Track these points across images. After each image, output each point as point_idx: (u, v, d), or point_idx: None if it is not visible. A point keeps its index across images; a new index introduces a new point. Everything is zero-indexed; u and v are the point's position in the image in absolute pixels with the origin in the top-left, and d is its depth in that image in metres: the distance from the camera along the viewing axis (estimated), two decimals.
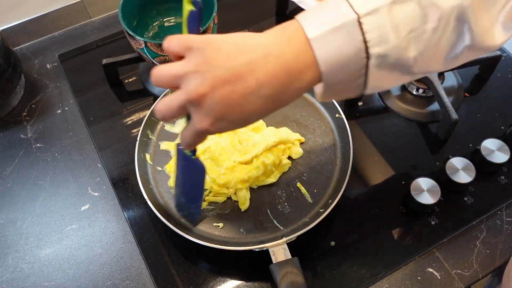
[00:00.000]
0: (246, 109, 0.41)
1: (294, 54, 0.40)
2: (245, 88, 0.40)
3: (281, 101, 0.42)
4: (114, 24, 0.96)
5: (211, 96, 0.40)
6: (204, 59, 0.40)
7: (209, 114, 0.41)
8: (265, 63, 0.40)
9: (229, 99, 0.40)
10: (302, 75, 0.41)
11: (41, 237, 0.70)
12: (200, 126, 0.43)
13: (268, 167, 0.68)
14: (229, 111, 0.41)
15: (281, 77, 0.40)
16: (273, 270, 0.59)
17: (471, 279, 0.65)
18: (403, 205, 0.70)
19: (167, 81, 0.43)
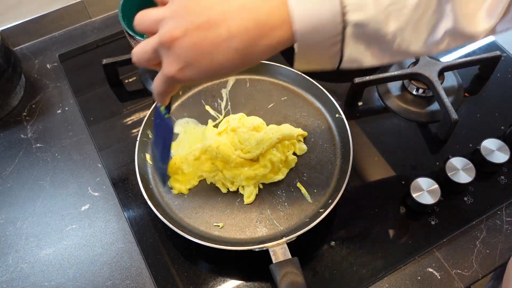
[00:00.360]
0: (215, 58, 0.41)
1: (268, 9, 0.40)
2: (216, 37, 0.40)
3: (250, 56, 0.41)
4: (114, 24, 0.96)
5: (182, 40, 0.40)
6: (183, 6, 0.41)
7: (179, 59, 0.41)
8: (238, 15, 0.40)
9: (200, 46, 0.40)
10: (274, 32, 0.40)
11: (41, 237, 0.70)
12: (168, 71, 0.43)
13: (275, 164, 0.68)
14: (198, 57, 0.41)
15: (252, 31, 0.40)
16: (273, 270, 0.59)
17: (471, 279, 0.65)
18: (403, 205, 0.70)
19: (147, 24, 0.44)
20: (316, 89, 0.75)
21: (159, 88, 0.46)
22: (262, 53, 0.42)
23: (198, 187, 0.69)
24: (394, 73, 0.78)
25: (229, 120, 0.73)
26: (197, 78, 0.43)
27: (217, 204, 0.67)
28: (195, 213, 0.67)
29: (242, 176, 0.67)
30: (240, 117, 0.73)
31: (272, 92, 0.78)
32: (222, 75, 0.44)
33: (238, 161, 0.68)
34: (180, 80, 0.44)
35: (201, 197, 0.68)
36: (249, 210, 0.67)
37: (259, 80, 0.80)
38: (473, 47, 0.88)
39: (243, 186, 0.68)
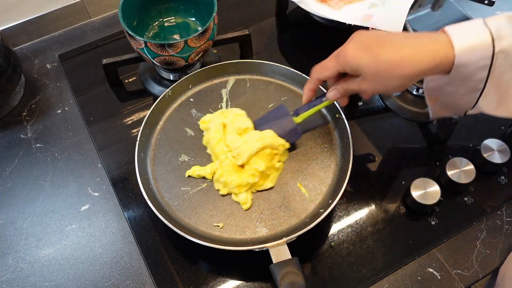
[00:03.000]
0: (388, 85, 0.54)
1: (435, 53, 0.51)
2: (391, 76, 0.53)
3: (412, 81, 0.54)
4: (114, 24, 0.96)
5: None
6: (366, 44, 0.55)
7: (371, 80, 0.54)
8: (410, 65, 0.52)
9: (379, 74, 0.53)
10: (433, 46, 0.51)
11: (41, 237, 0.70)
12: (361, 86, 0.55)
13: (264, 172, 0.67)
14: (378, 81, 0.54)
15: (420, 72, 0.52)
16: (273, 270, 0.59)
17: (471, 279, 0.65)
18: (403, 205, 0.70)
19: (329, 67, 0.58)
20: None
21: (319, 65, 0.59)
22: (419, 66, 0.52)
23: (199, 187, 0.69)
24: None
25: (228, 113, 0.73)
26: (362, 64, 0.54)
27: (217, 204, 0.67)
28: (195, 213, 0.67)
29: (234, 183, 0.66)
30: (237, 113, 0.73)
31: (272, 92, 0.78)
32: (383, 73, 0.53)
33: (227, 163, 0.68)
34: (346, 59, 0.55)
35: (201, 197, 0.68)
36: (249, 210, 0.67)
37: (259, 80, 0.80)
38: None
39: (236, 194, 0.67)
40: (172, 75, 0.84)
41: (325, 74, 0.59)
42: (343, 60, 0.55)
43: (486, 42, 0.49)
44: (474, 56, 0.49)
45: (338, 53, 0.56)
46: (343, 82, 0.59)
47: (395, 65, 0.52)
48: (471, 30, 0.50)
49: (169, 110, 0.77)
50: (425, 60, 0.51)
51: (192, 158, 0.72)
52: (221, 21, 0.81)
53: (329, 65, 0.58)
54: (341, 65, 0.56)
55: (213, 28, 0.76)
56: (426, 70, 0.51)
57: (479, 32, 0.49)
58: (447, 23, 0.93)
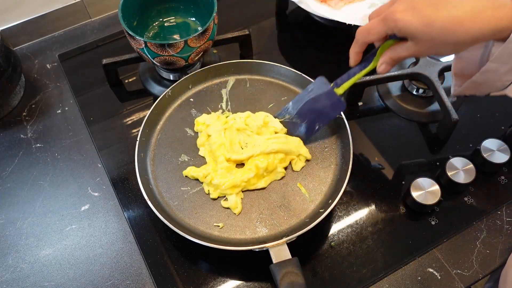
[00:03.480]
0: (439, 12, 0.48)
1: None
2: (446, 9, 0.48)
3: (464, 33, 0.48)
4: (114, 24, 0.96)
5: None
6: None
7: (406, 2, 0.49)
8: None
9: (429, 2, 0.48)
10: (481, 15, 0.47)
11: (41, 237, 0.70)
12: (393, 9, 0.50)
13: (260, 171, 0.67)
14: (424, 5, 0.48)
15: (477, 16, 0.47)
16: (273, 270, 0.59)
17: (471, 279, 0.65)
18: (403, 205, 0.70)
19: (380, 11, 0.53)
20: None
21: (366, 27, 0.53)
22: (475, 32, 0.47)
23: (199, 187, 0.69)
24: (394, 73, 0.78)
25: (235, 118, 0.73)
26: (413, 28, 0.49)
27: (217, 204, 0.67)
28: (195, 213, 0.67)
29: (227, 184, 0.66)
30: (246, 116, 0.73)
31: (272, 92, 0.78)
32: (436, 38, 0.49)
33: (224, 165, 0.68)
34: (396, 22, 0.50)
35: (201, 197, 0.68)
36: (249, 210, 0.67)
37: (259, 80, 0.80)
38: None
39: (225, 199, 0.67)
40: (172, 75, 0.84)
41: (372, 38, 0.54)
42: (392, 24, 0.50)
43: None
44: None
45: (386, 16, 0.51)
46: (392, 51, 0.55)
47: (451, 31, 0.47)
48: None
49: (169, 110, 0.77)
50: (484, 27, 0.47)
51: (192, 158, 0.72)
52: (221, 21, 0.81)
53: (377, 29, 0.53)
54: (390, 28, 0.51)
55: (213, 28, 0.76)
56: (483, 37, 0.48)
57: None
58: None
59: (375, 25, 0.53)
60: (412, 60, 0.82)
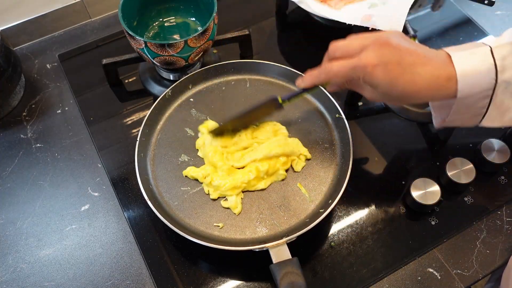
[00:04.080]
0: (405, 77, 0.52)
1: (440, 69, 0.52)
2: (411, 68, 0.52)
3: (421, 96, 0.53)
4: (114, 24, 0.96)
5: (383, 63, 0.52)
6: (384, 43, 0.53)
7: (380, 57, 0.52)
8: (423, 66, 0.52)
9: (398, 65, 0.52)
10: (445, 84, 0.51)
11: (41, 237, 0.70)
12: (364, 59, 0.52)
13: (260, 174, 0.67)
14: (394, 66, 0.52)
15: (431, 81, 0.52)
16: (273, 270, 0.59)
17: (471, 279, 0.65)
18: (403, 205, 0.70)
19: (351, 48, 0.54)
20: (316, 89, 0.75)
21: (334, 69, 0.55)
22: (428, 98, 0.54)
23: (199, 187, 0.69)
24: None
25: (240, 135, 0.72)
26: (379, 83, 0.53)
27: (217, 204, 0.67)
28: (195, 213, 0.67)
29: (227, 186, 0.66)
30: (251, 131, 0.73)
31: (272, 92, 0.78)
32: (394, 97, 0.54)
33: (226, 168, 0.68)
34: (365, 75, 0.52)
35: (201, 197, 0.68)
36: (249, 210, 0.67)
37: (259, 80, 0.80)
38: None
39: (225, 199, 0.67)
40: (172, 75, 0.84)
41: (337, 80, 0.57)
42: (361, 75, 0.53)
43: (489, 75, 0.50)
44: (477, 89, 0.51)
45: (356, 66, 0.53)
46: (348, 84, 0.59)
47: (409, 96, 0.53)
48: (476, 62, 0.51)
49: (169, 110, 0.77)
50: (437, 96, 0.53)
51: (192, 158, 0.72)
52: (221, 21, 0.81)
53: (345, 74, 0.55)
54: (357, 76, 0.54)
55: (213, 28, 0.76)
56: (433, 100, 0.56)
57: (483, 64, 0.50)
58: (447, 23, 0.94)
59: (343, 70, 0.55)
60: None
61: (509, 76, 0.50)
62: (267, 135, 0.72)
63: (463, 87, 0.51)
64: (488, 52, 0.51)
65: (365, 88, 0.57)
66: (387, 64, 0.52)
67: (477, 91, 0.51)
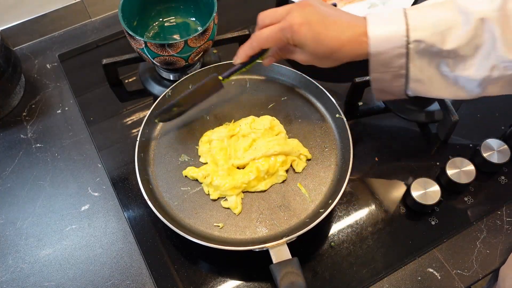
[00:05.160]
0: (328, 32, 0.57)
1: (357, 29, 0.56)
2: (333, 24, 0.57)
3: (341, 50, 0.57)
4: (114, 24, 0.96)
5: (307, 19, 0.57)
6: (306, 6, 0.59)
7: (304, 16, 0.57)
8: (346, 26, 0.57)
9: (323, 21, 0.57)
10: (360, 38, 0.56)
11: (41, 237, 0.70)
12: (290, 20, 0.58)
13: (260, 174, 0.67)
14: (317, 23, 0.57)
15: (351, 37, 0.56)
16: (273, 270, 0.59)
17: (471, 279, 0.65)
18: (403, 205, 0.70)
19: (276, 14, 0.60)
20: (316, 89, 0.75)
21: (264, 35, 0.60)
22: (350, 54, 0.57)
23: (199, 187, 0.69)
24: None
25: (240, 125, 0.73)
26: (306, 41, 0.57)
27: (217, 204, 0.67)
28: (195, 213, 0.67)
29: (227, 186, 0.66)
30: (251, 121, 0.73)
31: (272, 92, 0.78)
32: (321, 54, 0.58)
33: (227, 168, 0.68)
34: (292, 34, 0.57)
35: (201, 197, 0.68)
36: (249, 210, 0.67)
37: (259, 80, 0.80)
38: None
39: (225, 200, 0.67)
40: (172, 75, 0.84)
41: (268, 45, 0.62)
42: (289, 35, 0.58)
43: (400, 33, 0.53)
44: (389, 45, 0.54)
45: (283, 26, 0.58)
46: (281, 51, 0.64)
47: (333, 51, 0.57)
48: (389, 20, 0.55)
49: None
50: (357, 52, 0.56)
51: (192, 158, 0.72)
52: (221, 21, 0.81)
53: (274, 37, 0.60)
54: (286, 38, 0.59)
55: (213, 28, 0.76)
56: (357, 58, 0.58)
57: (394, 22, 0.54)
58: None
59: (273, 33, 0.59)
60: None
61: (420, 35, 0.52)
62: (265, 126, 0.72)
63: (374, 42, 0.54)
64: (401, 12, 0.54)
65: (295, 51, 0.61)
66: (311, 22, 0.56)
67: (389, 47, 0.54)
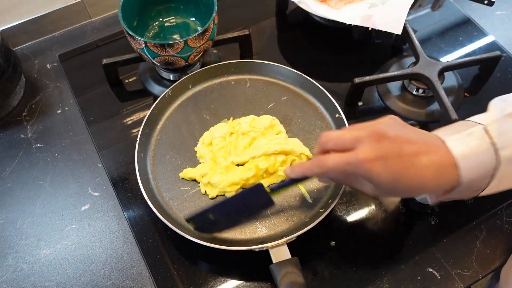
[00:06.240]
0: (408, 171, 0.47)
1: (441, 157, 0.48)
2: (412, 158, 0.47)
3: (426, 188, 0.48)
4: (114, 24, 0.96)
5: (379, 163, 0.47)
6: (381, 133, 0.48)
7: (377, 150, 0.47)
8: (426, 154, 0.48)
9: (400, 156, 0.47)
10: (448, 171, 0.47)
11: (41, 237, 0.70)
12: (362, 154, 0.47)
13: (259, 171, 0.67)
14: (394, 156, 0.47)
15: (435, 169, 0.47)
16: (273, 270, 0.59)
17: (471, 279, 0.65)
18: (403, 205, 0.70)
19: (343, 140, 0.49)
20: (316, 89, 0.75)
21: (328, 164, 0.49)
22: (433, 189, 0.49)
23: (198, 187, 0.69)
24: (394, 73, 0.78)
25: (240, 123, 0.73)
26: (381, 181, 0.47)
27: None
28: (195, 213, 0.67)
29: (225, 182, 0.66)
30: (251, 119, 0.73)
31: (272, 92, 0.78)
32: (399, 192, 0.52)
33: (225, 166, 0.68)
34: (363, 171, 0.47)
35: (201, 197, 0.68)
36: None
37: (259, 80, 0.80)
38: (473, 47, 0.88)
39: (223, 195, 0.67)
40: (172, 75, 0.84)
41: (332, 175, 0.52)
42: (359, 172, 0.48)
43: (490, 156, 0.47)
44: (480, 172, 0.48)
45: (352, 162, 0.47)
46: (344, 179, 0.54)
47: (415, 190, 0.50)
48: (473, 144, 0.48)
49: (169, 110, 0.77)
50: (441, 185, 0.48)
51: (191, 159, 0.72)
52: (221, 21, 0.81)
53: (341, 170, 0.49)
54: (355, 173, 0.48)
55: (213, 28, 0.76)
56: (438, 191, 0.51)
57: (482, 145, 0.47)
58: (447, 23, 0.94)
59: (338, 166, 0.49)
60: (412, 60, 0.82)
61: (510, 153, 0.47)
62: (265, 125, 0.72)
63: (465, 173, 0.47)
64: (482, 131, 0.48)
65: (365, 184, 0.50)
66: (387, 159, 0.46)
67: (480, 174, 0.48)
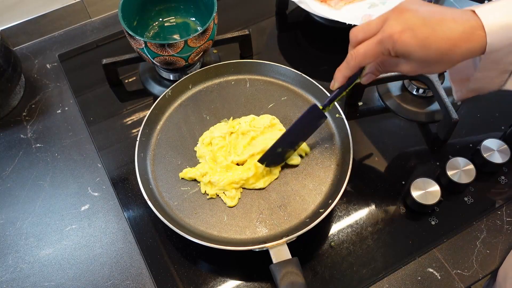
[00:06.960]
0: (435, 33, 0.48)
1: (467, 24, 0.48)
2: (436, 25, 0.48)
3: (453, 53, 0.49)
4: (114, 24, 0.96)
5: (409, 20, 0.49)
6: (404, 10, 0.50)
7: (403, 23, 0.49)
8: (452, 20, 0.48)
9: (425, 21, 0.48)
10: (474, 32, 0.48)
11: (41, 237, 0.70)
12: (389, 30, 0.49)
13: (259, 170, 0.67)
14: (421, 26, 0.48)
15: (460, 35, 0.48)
16: (273, 270, 0.59)
17: (471, 279, 0.65)
18: (403, 205, 0.70)
19: (372, 27, 0.52)
20: (316, 89, 0.75)
21: (360, 51, 0.52)
22: (463, 53, 0.49)
23: (198, 187, 0.69)
24: (394, 73, 0.78)
25: (240, 122, 0.73)
26: (411, 50, 0.49)
27: (217, 204, 0.67)
28: (195, 213, 0.67)
29: (225, 181, 0.67)
30: (251, 119, 0.73)
31: (272, 92, 0.78)
32: (432, 59, 0.50)
33: (225, 165, 0.68)
34: (394, 44, 0.49)
35: (201, 197, 0.68)
36: (249, 210, 0.67)
37: (259, 80, 0.80)
38: None
39: (223, 192, 0.67)
40: (172, 75, 0.84)
41: (368, 61, 0.54)
42: (390, 46, 0.50)
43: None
44: (508, 41, 0.48)
45: (382, 38, 0.50)
46: (381, 66, 0.56)
47: (445, 53, 0.49)
48: (504, 13, 0.48)
49: (169, 110, 0.77)
50: (474, 47, 0.49)
51: (191, 159, 0.72)
52: (221, 21, 0.81)
53: (373, 52, 0.52)
54: (386, 50, 0.51)
55: (213, 28, 0.76)
56: (472, 55, 0.50)
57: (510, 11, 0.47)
58: None
59: (370, 48, 0.52)
60: None
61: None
62: (264, 124, 0.72)
63: (492, 39, 0.47)
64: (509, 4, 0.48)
65: (399, 63, 0.53)
66: (413, 27, 0.48)
67: (507, 43, 0.47)
